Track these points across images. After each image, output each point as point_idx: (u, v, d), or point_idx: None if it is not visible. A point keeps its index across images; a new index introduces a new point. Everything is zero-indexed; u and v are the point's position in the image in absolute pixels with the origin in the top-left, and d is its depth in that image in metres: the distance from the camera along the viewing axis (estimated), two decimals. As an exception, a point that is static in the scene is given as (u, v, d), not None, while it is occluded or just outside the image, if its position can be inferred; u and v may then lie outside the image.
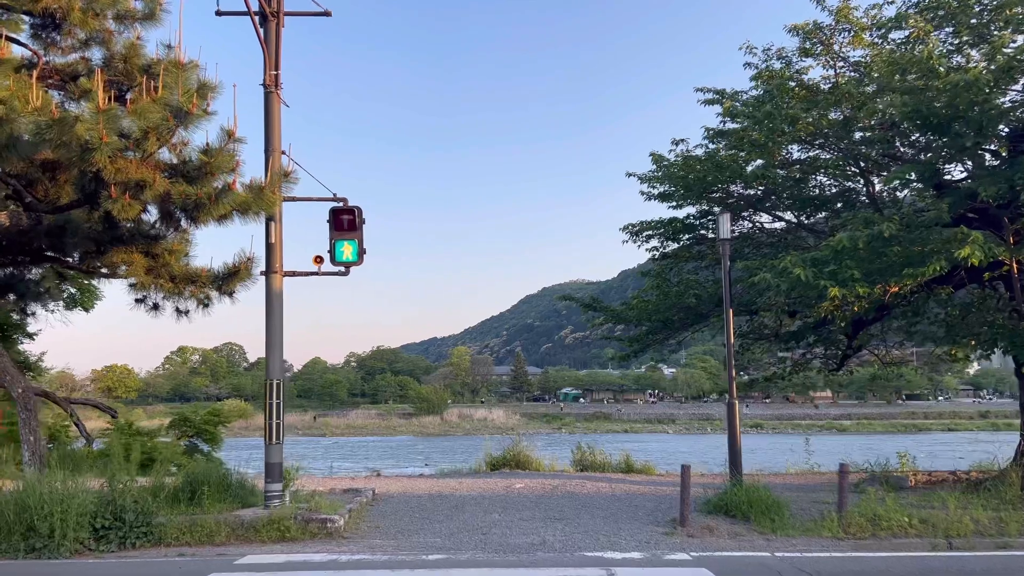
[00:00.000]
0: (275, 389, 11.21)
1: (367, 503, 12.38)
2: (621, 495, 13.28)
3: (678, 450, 54.37)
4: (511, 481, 14.82)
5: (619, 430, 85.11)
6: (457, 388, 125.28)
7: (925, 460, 40.43)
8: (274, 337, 11.34)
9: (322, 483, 14.82)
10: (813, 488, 13.96)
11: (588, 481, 14.73)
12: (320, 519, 10.32)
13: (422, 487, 14.39)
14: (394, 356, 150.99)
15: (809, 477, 15.90)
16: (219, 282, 11.53)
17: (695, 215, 16.30)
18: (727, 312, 11.96)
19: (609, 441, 63.46)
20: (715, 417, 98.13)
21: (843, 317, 12.28)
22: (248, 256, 11.37)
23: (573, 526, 10.67)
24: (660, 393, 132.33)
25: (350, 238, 11.51)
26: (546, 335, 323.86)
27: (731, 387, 12.09)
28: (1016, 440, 13.73)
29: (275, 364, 11.32)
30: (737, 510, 10.97)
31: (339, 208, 11.58)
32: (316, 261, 11.49)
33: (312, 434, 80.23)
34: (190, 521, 10.14)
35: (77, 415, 20.27)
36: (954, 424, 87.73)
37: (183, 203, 9.51)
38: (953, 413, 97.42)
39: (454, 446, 60.06)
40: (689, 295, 15.21)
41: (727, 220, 12.00)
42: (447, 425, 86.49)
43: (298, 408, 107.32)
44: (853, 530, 10.30)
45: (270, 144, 11.34)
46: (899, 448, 17.27)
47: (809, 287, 10.78)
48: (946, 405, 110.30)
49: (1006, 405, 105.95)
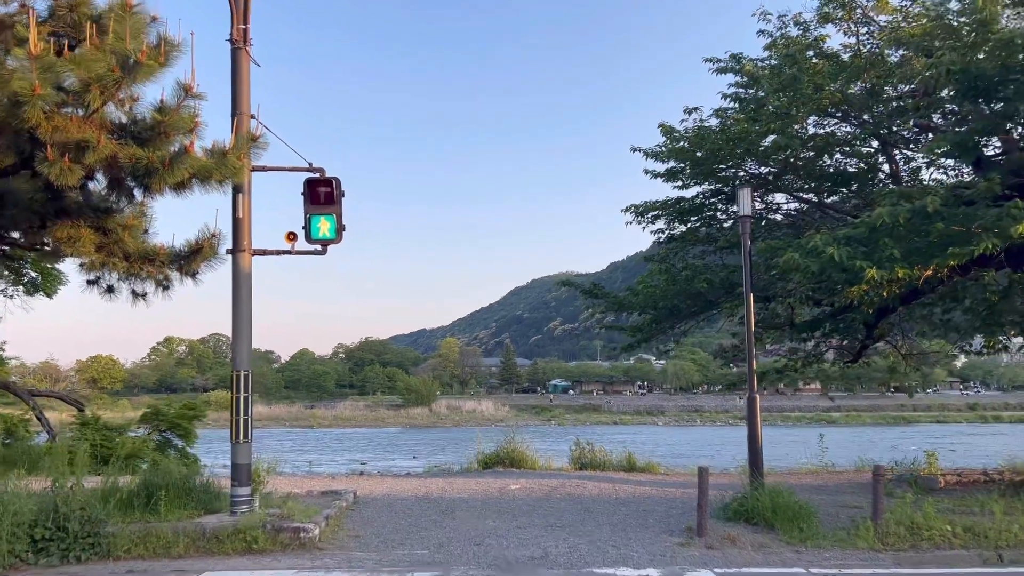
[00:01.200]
0: (242, 381, 9.98)
1: (347, 508, 11.19)
2: (626, 498, 12.13)
3: (672, 442, 53.63)
4: (505, 481, 13.64)
5: (608, 422, 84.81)
6: (446, 380, 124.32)
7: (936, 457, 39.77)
8: (242, 323, 10.10)
9: (299, 483, 13.63)
10: (834, 489, 12.85)
11: (589, 481, 13.57)
12: (293, 528, 9.13)
13: (408, 488, 13.19)
14: (383, 348, 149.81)
15: (826, 476, 14.80)
16: (180, 261, 10.26)
17: (706, 194, 15.12)
18: (747, 296, 10.78)
19: (599, 433, 62.96)
20: (704, 409, 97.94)
21: (870, 304, 11.15)
22: (213, 232, 10.12)
23: (577, 535, 9.51)
24: (649, 385, 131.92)
25: (327, 212, 10.27)
26: (535, 327, 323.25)
27: (751, 380, 10.92)
28: (1010, 432, 12.65)
29: (243, 353, 10.08)
30: (760, 517, 9.82)
31: (315, 179, 10.34)
32: (289, 238, 10.25)
33: (300, 425, 79.28)
34: (144, 530, 8.93)
35: (40, 408, 19.01)
36: (943, 416, 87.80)
37: (133, 168, 8.25)
38: (942, 406, 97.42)
39: (443, 438, 59.20)
40: (699, 280, 14.04)
41: (748, 195, 10.82)
42: (436, 417, 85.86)
43: (285, 400, 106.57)
44: (891, 540, 9.18)
45: (237, 106, 10.08)
46: (891, 440, 16.34)
47: (842, 269, 9.65)
48: (935, 398, 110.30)
49: (995, 397, 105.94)
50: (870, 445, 45.51)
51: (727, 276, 14.34)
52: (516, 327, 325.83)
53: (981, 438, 54.15)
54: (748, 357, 10.81)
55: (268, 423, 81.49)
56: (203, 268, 10.52)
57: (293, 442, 55.72)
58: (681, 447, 47.95)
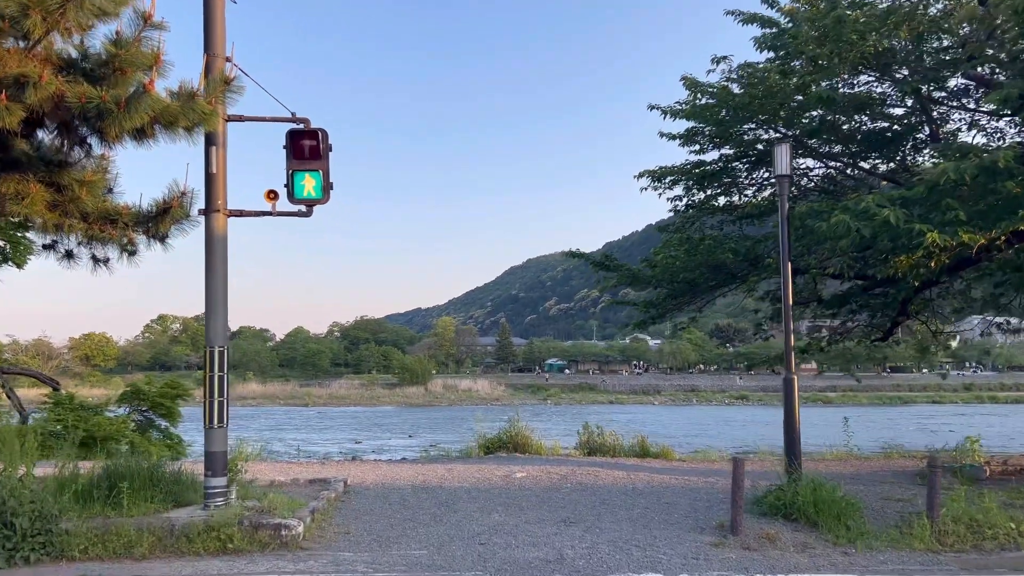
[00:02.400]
0: (217, 359, 8.83)
1: (336, 499, 10.06)
2: (644, 487, 11.03)
3: (672, 421, 52.84)
4: (510, 468, 12.52)
5: (604, 401, 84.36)
6: (441, 359, 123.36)
7: (946, 437, 38.89)
8: (216, 293, 8.94)
9: (284, 470, 12.53)
10: (869, 479, 11.76)
11: (600, 469, 12.46)
12: (274, 525, 8.00)
13: (404, 476, 12.06)
14: (378, 326, 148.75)
15: (854, 463, 13.71)
16: (147, 223, 9.07)
17: (727, 159, 13.91)
18: (784, 265, 9.60)
19: (596, 412, 62.22)
20: (700, 388, 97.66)
21: (917, 275, 10.01)
22: (183, 190, 8.91)
23: (595, 533, 8.41)
24: (645, 364, 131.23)
25: (312, 168, 9.09)
26: (530, 306, 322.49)
27: (788, 358, 9.77)
28: (1008, 412, 11.57)
29: (218, 327, 8.93)
30: (799, 513, 8.72)
31: (299, 131, 9.15)
32: (269, 197, 9.08)
33: (294, 404, 78.44)
34: (104, 527, 7.81)
35: (10, 386, 17.87)
36: (939, 397, 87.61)
37: (82, 109, 7.04)
38: (938, 386, 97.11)
39: (439, 417, 58.42)
40: (723, 250, 12.87)
41: (786, 152, 9.62)
42: (431, 396, 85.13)
43: (280, 378, 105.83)
44: (950, 540, 8.11)
45: (210, 46, 8.89)
46: (895, 420, 15.30)
47: (896, 234, 8.51)
48: (931, 378, 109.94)
49: (991, 378, 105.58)
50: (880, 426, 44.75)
51: (752, 247, 13.20)
52: (511, 306, 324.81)
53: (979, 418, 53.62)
54: (786, 333, 9.67)
55: (263, 401, 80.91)
56: (173, 231, 9.31)
57: (287, 420, 54.80)
58: (679, 427, 47.03)
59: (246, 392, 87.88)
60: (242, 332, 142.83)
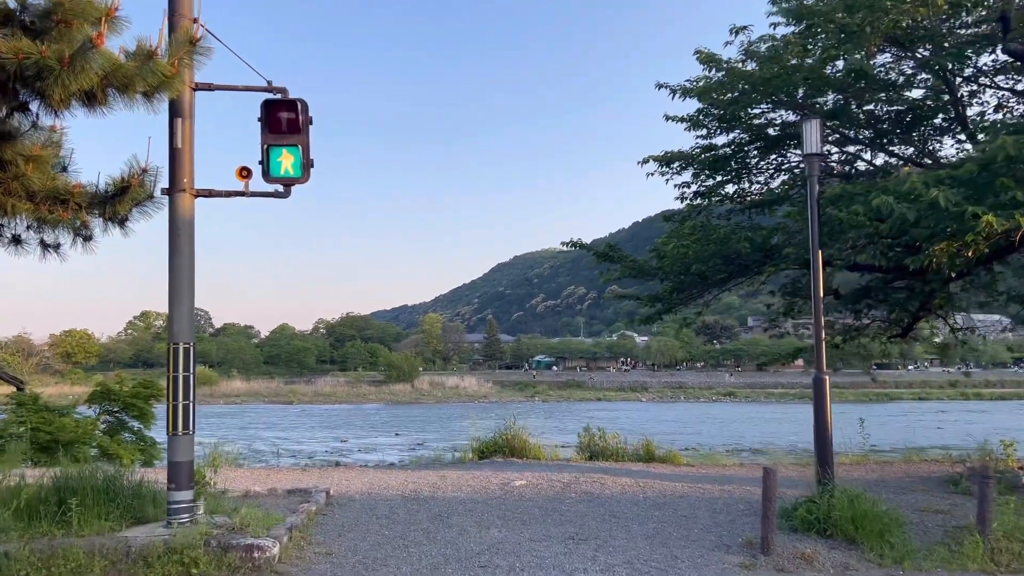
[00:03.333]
0: (182, 357, 7.82)
1: (318, 512, 9.08)
2: (656, 497, 10.09)
3: (660, 419, 52.19)
4: (508, 475, 11.55)
5: (592, 398, 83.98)
6: (428, 356, 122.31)
7: (939, 435, 38.40)
8: (181, 282, 7.94)
9: (261, 478, 11.53)
10: (897, 486, 10.87)
11: (606, 476, 11.51)
12: (245, 545, 7.02)
13: (393, 484, 11.07)
14: (364, 323, 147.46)
15: (875, 468, 12.84)
16: (103, 204, 8.08)
17: (738, 144, 12.99)
18: (814, 254, 8.69)
19: (583, 410, 61.52)
20: (688, 385, 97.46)
21: (954, 266, 9.14)
22: (143, 166, 7.90)
23: (608, 552, 7.46)
24: (633, 361, 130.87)
25: (290, 143, 8.09)
26: (517, 303, 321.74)
27: (819, 356, 8.81)
28: (994, 409, 10.73)
29: (182, 320, 7.93)
30: (836, 529, 7.81)
31: (275, 101, 8.15)
32: (241, 175, 8.07)
33: (279, 401, 77.35)
34: (51, 549, 6.82)
35: (-30, 386, 16.76)
36: (925, 394, 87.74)
37: (19, 67, 6.04)
38: (924, 383, 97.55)
39: (426, 415, 57.60)
40: (739, 239, 11.97)
41: (817, 128, 8.71)
42: (418, 393, 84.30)
43: (265, 375, 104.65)
44: (1004, 559, 7.24)
45: (176, 6, 7.88)
46: (887, 417, 14.45)
47: (947, 216, 7.63)
48: (916, 374, 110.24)
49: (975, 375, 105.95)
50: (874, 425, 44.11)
51: (767, 236, 12.31)
52: (498, 303, 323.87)
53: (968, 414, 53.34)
54: (816, 328, 8.75)
55: (247, 399, 79.90)
56: (135, 214, 8.28)
57: (271, 418, 53.73)
58: (669, 425, 46.32)
59: (230, 390, 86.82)
60: (226, 329, 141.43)
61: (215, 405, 72.78)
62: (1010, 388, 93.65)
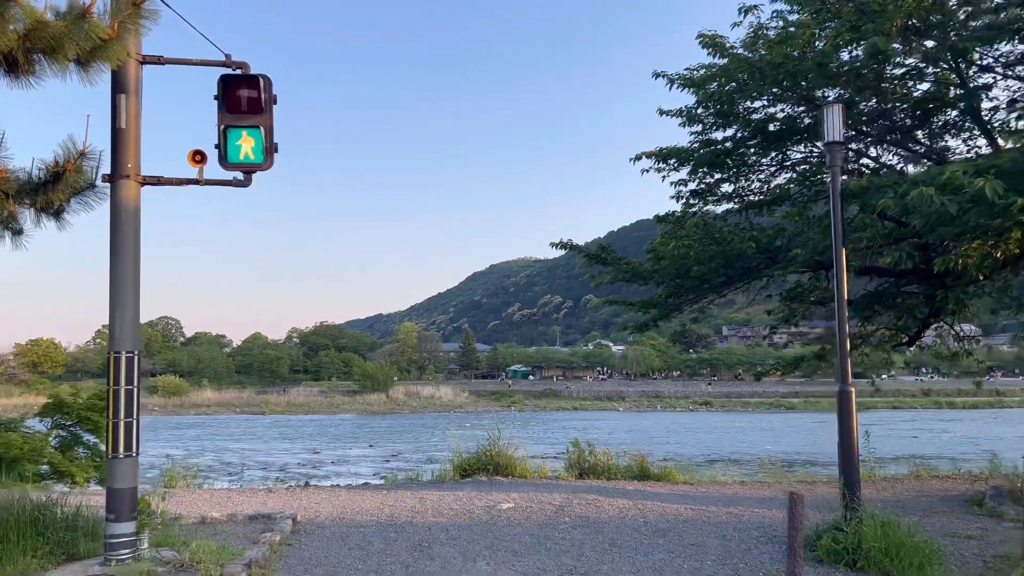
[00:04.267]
0: (124, 367, 6.80)
1: (282, 542, 8.05)
2: (657, 521, 9.16)
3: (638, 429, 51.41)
4: (493, 496, 10.57)
5: (569, 407, 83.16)
6: (404, 365, 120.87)
7: (917, 445, 37.97)
8: (124, 282, 6.92)
9: (221, 501, 10.46)
10: (916, 507, 10.01)
11: (600, 496, 10.56)
12: (194, 587, 6.01)
13: (368, 507, 10.04)
14: (338, 332, 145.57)
15: (886, 487, 11.96)
16: (34, 193, 7.07)
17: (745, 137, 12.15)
18: (838, 252, 7.83)
19: (561, 419, 60.67)
20: (664, 394, 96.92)
21: (982, 268, 8.35)
22: (81, 149, 6.90)
23: (613, 591, 6.53)
24: (609, 370, 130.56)
25: (251, 125, 7.11)
26: (493, 312, 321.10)
27: (843, 366, 7.94)
28: (966, 418, 9.98)
29: (125, 326, 6.90)
30: (868, 561, 6.92)
31: (234, 77, 7.17)
32: (195, 160, 7.07)
33: (250, 412, 75.64)
34: (-38, 594, 5.79)
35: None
36: (899, 402, 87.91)
37: (-81, 20, 5.05)
38: (897, 391, 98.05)
39: (401, 425, 56.50)
40: (743, 240, 11.11)
41: (838, 115, 7.87)
42: (393, 403, 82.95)
43: (236, 385, 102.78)
44: (1058, 596, 6.41)
45: (119, -34, 6.87)
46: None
47: (990, 210, 6.82)
48: (890, 383, 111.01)
49: (947, 384, 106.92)
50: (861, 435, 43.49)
51: (773, 237, 11.49)
52: (474, 312, 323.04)
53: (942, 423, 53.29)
54: (840, 335, 7.88)
55: (218, 409, 78.14)
56: (74, 205, 7.24)
57: (242, 429, 52.29)
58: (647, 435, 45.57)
59: (201, 400, 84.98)
60: (198, 338, 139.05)
61: (185, 416, 71.12)
62: (982, 397, 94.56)
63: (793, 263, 10.79)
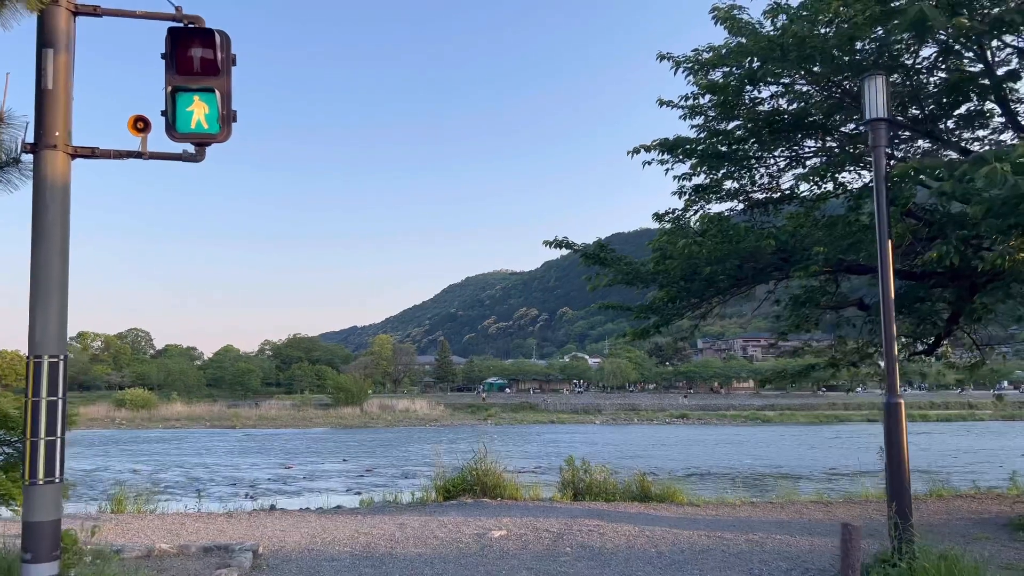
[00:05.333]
0: (47, 373, 5.62)
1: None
2: (671, 552, 8.08)
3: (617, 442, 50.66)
4: (483, 523, 9.42)
5: (546, 421, 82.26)
6: (378, 378, 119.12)
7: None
8: (50, 272, 5.75)
9: (174, 529, 9.22)
10: (951, 532, 9.01)
11: (602, 522, 9.45)
12: (125, 644, 4.85)
13: (340, 536, 8.85)
14: (312, 345, 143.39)
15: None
16: (-62, 166, 5.93)
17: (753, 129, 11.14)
18: (883, 244, 6.86)
19: (538, 433, 59.62)
20: (641, 407, 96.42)
21: (1023, 267, 7.41)
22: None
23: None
24: (585, 383, 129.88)
25: (204, 88, 5.98)
26: (469, 325, 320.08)
27: (892, 377, 6.94)
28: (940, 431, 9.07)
29: (49, 324, 5.72)
30: (929, 601, 5.91)
31: (185, 31, 6.05)
32: (136, 128, 5.91)
33: (221, 425, 73.74)
34: None
35: None
36: (873, 415, 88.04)
37: None
38: (872, 404, 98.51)
39: (375, 439, 55.16)
40: (762, 238, 10.10)
41: (881, 87, 6.90)
42: (367, 417, 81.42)
43: (207, 398, 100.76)
44: None
45: None
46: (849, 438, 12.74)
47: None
48: (865, 396, 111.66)
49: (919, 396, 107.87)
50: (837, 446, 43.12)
51: (791, 234, 10.50)
52: (450, 325, 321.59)
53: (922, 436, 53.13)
54: (887, 344, 6.89)
55: (188, 423, 76.24)
56: (-14, 180, 6.10)
57: (212, 444, 50.66)
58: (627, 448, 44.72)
59: (170, 414, 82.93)
60: (167, 351, 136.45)
61: (153, 430, 69.29)
62: (955, 410, 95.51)
63: (815, 262, 9.77)
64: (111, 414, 79.61)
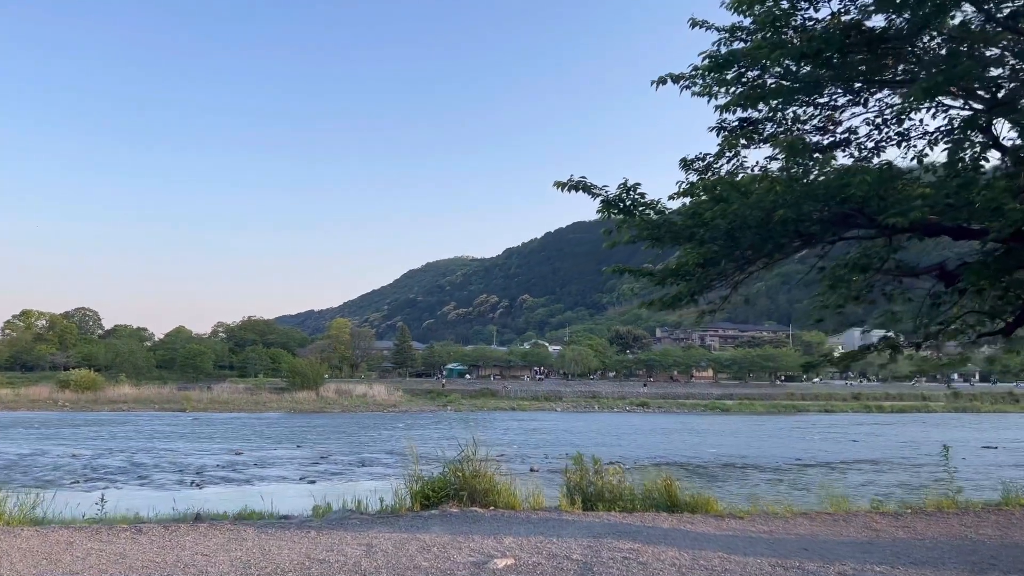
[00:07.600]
0: None
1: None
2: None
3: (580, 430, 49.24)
4: (478, 543, 7.03)
5: (507, 407, 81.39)
6: (335, 362, 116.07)
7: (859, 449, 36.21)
8: None
9: (54, 551, 6.73)
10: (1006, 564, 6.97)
11: (635, 543, 7.07)
12: None
13: (286, 565, 6.39)
14: (267, 327, 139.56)
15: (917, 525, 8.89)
16: None
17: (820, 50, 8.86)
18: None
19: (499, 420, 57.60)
20: (602, 395, 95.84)
21: None
22: None
23: None
24: (546, 370, 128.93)
25: None
26: (428, 311, 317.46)
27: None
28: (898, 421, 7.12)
29: None
30: None
31: None
32: None
33: (171, 409, 70.78)
34: None
35: None
36: (830, 406, 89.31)
37: None
38: (829, 395, 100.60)
39: (331, 424, 53.06)
40: (855, 174, 7.82)
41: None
42: (323, 401, 79.12)
43: (157, 380, 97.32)
44: None
45: None
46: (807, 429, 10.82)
47: None
48: (822, 387, 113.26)
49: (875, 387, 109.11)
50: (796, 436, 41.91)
51: (886, 175, 8.23)
52: (409, 310, 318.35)
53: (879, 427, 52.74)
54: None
55: (135, 406, 73.17)
56: None
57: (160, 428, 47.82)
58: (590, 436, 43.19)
59: (117, 396, 79.61)
60: (116, 331, 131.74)
61: (100, 412, 66.16)
62: (908, 401, 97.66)
63: (917, 209, 7.46)
64: (54, 395, 76.01)
